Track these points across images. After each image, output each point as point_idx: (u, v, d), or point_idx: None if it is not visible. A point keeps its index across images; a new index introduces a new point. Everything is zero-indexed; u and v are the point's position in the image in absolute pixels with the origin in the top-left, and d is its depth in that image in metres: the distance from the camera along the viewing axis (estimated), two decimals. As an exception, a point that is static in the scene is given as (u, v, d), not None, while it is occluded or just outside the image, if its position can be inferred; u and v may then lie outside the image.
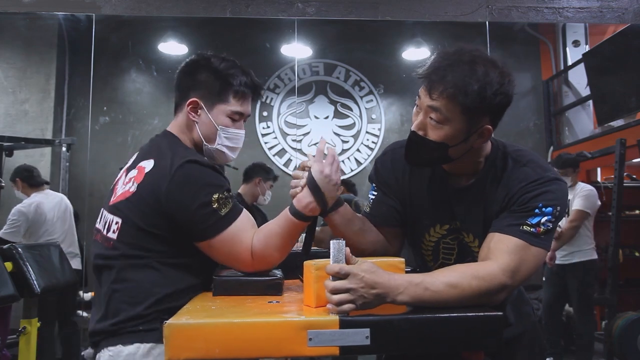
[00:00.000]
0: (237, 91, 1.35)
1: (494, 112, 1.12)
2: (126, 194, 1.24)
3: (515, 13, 4.38)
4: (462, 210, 1.24)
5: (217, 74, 1.35)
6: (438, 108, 1.09)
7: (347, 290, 0.94)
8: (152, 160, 1.25)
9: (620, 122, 4.67)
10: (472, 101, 1.06)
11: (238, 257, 1.23)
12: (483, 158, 1.22)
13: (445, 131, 1.11)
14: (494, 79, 1.07)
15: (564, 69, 5.57)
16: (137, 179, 1.24)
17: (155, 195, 1.19)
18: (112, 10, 4.16)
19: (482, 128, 1.12)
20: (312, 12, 4.27)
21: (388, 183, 1.33)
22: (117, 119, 5.32)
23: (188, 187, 1.19)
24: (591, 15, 4.41)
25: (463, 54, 1.10)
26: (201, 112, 1.34)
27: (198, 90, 1.35)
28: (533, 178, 1.14)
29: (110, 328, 1.20)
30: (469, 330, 0.98)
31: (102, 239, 1.28)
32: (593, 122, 5.42)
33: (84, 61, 5.02)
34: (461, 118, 1.09)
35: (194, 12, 4.25)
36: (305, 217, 1.23)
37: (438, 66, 1.09)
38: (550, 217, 1.11)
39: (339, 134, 5.54)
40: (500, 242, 1.10)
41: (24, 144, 4.66)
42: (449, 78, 1.07)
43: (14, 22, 5.09)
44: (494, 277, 1.05)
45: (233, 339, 0.92)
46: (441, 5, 4.33)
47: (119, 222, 1.24)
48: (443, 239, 1.29)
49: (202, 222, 1.19)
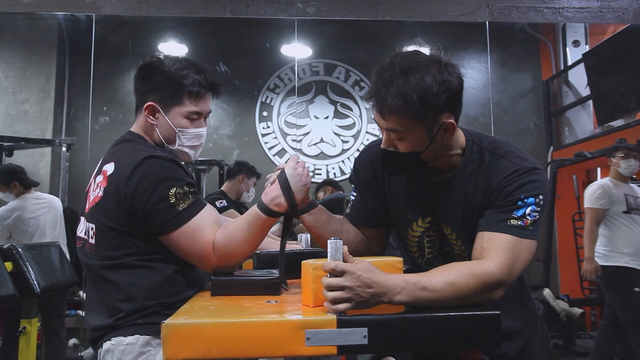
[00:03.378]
0: (190, 92, 1.35)
1: (447, 106, 1.13)
2: (96, 199, 1.28)
3: (515, 13, 4.38)
4: (440, 204, 1.26)
5: (170, 76, 1.35)
6: (393, 128, 1.13)
7: (342, 287, 0.94)
8: (112, 163, 1.28)
9: (620, 122, 4.67)
10: (418, 110, 1.08)
11: (198, 252, 1.23)
12: (458, 150, 1.23)
13: (410, 142, 1.14)
14: (429, 82, 1.08)
15: (564, 69, 5.57)
16: (102, 184, 1.27)
17: (118, 195, 1.22)
18: (112, 10, 4.16)
19: (443, 124, 1.14)
20: (312, 12, 4.27)
21: (368, 182, 1.35)
22: (117, 119, 5.32)
23: (146, 183, 1.20)
24: (591, 15, 4.41)
25: (394, 67, 1.11)
26: (159, 116, 1.36)
27: (153, 93, 1.36)
28: (512, 170, 1.15)
29: (112, 323, 1.24)
30: (467, 329, 0.98)
31: (85, 246, 1.32)
32: (593, 122, 5.41)
33: (84, 61, 5.02)
34: (417, 127, 1.12)
35: (194, 12, 4.25)
36: (271, 212, 1.24)
37: (377, 88, 1.11)
38: (534, 207, 1.12)
39: (339, 134, 5.54)
40: (492, 240, 1.11)
41: (24, 144, 4.65)
42: (389, 100, 1.08)
43: (14, 22, 5.09)
44: (490, 275, 1.05)
45: (231, 338, 0.92)
46: (441, 5, 4.33)
47: (94, 228, 1.27)
48: (426, 232, 1.31)
49: (160, 217, 1.20)
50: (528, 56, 5.77)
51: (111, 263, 1.25)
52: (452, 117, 1.15)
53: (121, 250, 1.24)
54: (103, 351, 1.24)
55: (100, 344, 1.26)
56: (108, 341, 1.24)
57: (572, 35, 5.63)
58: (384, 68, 1.12)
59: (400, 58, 1.13)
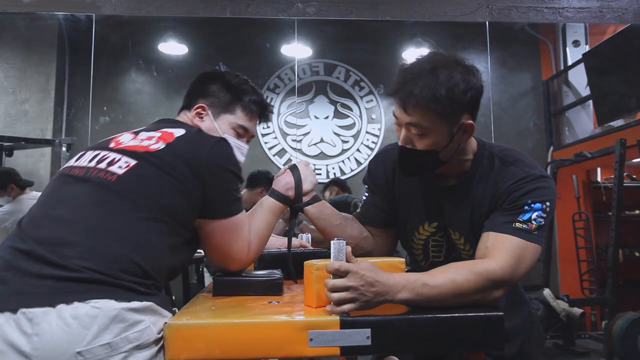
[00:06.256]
0: (245, 106, 1.36)
1: (470, 107, 1.16)
2: (147, 148, 1.13)
3: (515, 13, 4.38)
4: (449, 209, 1.27)
5: (229, 86, 1.36)
6: (416, 122, 1.14)
7: (346, 288, 0.94)
8: (180, 129, 1.19)
9: (620, 122, 4.67)
10: (445, 105, 1.11)
11: (239, 247, 1.20)
12: (470, 156, 1.25)
13: (431, 139, 1.16)
14: (458, 78, 1.11)
15: (564, 69, 5.57)
16: (165, 139, 1.15)
17: (192, 158, 1.11)
18: (112, 10, 4.16)
19: (463, 125, 1.16)
20: (312, 12, 4.27)
21: (379, 183, 1.39)
22: (117, 119, 5.31)
23: (226, 163, 1.15)
24: (591, 15, 4.41)
25: (423, 63, 1.14)
26: (206, 118, 1.33)
27: (207, 98, 1.35)
28: (520, 176, 1.17)
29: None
30: (470, 330, 0.98)
31: (95, 171, 1.11)
32: (593, 122, 5.41)
33: (84, 61, 5.01)
34: (440, 123, 1.14)
35: (194, 12, 4.25)
36: (284, 198, 1.32)
37: (403, 82, 1.14)
38: (540, 213, 1.13)
39: (339, 134, 5.54)
40: (497, 241, 1.12)
41: (24, 144, 4.65)
42: (416, 91, 1.11)
43: (14, 22, 5.08)
44: (492, 273, 1.06)
45: (233, 339, 0.92)
46: (441, 5, 4.33)
47: (131, 164, 1.10)
48: (432, 236, 1.33)
49: (221, 199, 1.14)
50: (528, 56, 5.77)
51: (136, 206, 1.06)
52: (471, 119, 1.17)
53: (151, 200, 1.07)
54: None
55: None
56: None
57: (572, 35, 5.63)
58: (411, 65, 1.16)
59: (427, 57, 1.17)
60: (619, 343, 3.51)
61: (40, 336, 0.87)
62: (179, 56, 5.45)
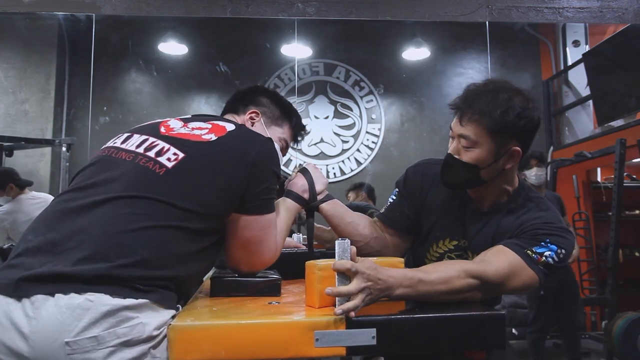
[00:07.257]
0: (292, 125, 1.46)
1: (521, 135, 1.22)
2: (198, 139, 1.14)
3: (515, 13, 4.38)
4: (473, 232, 1.31)
5: (281, 103, 1.45)
6: (467, 134, 1.21)
7: (361, 290, 0.95)
8: (231, 124, 1.22)
9: (620, 122, 4.67)
10: (497, 124, 1.18)
11: (270, 245, 1.21)
12: (510, 189, 1.30)
13: (476, 154, 1.22)
14: (516, 103, 1.18)
15: (564, 69, 5.58)
16: (217, 132, 1.17)
17: (243, 152, 1.14)
18: (112, 10, 4.15)
19: (510, 150, 1.22)
20: (312, 12, 4.27)
21: (412, 191, 1.43)
22: (117, 119, 5.31)
23: (272, 161, 1.19)
24: (591, 15, 4.41)
25: (488, 84, 1.23)
26: (257, 124, 1.40)
27: (259, 107, 1.42)
28: (548, 220, 1.22)
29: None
30: (474, 329, 0.99)
31: (144, 160, 1.11)
32: (593, 122, 5.42)
33: (84, 61, 5.01)
34: (489, 140, 1.20)
35: (194, 12, 4.24)
36: (301, 199, 1.37)
37: (466, 97, 1.23)
38: (553, 254, 1.17)
39: (339, 134, 5.54)
40: (501, 252, 1.16)
41: (24, 144, 4.65)
42: (475, 106, 1.20)
43: (14, 22, 5.08)
44: (484, 274, 1.09)
45: (239, 340, 0.92)
46: (441, 5, 4.33)
47: (179, 156, 1.10)
48: (448, 252, 1.36)
49: (261, 194, 1.16)
50: (528, 56, 5.77)
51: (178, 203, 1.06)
52: (520, 147, 1.23)
53: (194, 200, 1.07)
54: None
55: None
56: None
57: (572, 35, 5.64)
58: (476, 84, 1.25)
59: (493, 80, 1.26)
60: (619, 343, 3.51)
61: (38, 320, 0.90)
62: (179, 56, 5.44)
